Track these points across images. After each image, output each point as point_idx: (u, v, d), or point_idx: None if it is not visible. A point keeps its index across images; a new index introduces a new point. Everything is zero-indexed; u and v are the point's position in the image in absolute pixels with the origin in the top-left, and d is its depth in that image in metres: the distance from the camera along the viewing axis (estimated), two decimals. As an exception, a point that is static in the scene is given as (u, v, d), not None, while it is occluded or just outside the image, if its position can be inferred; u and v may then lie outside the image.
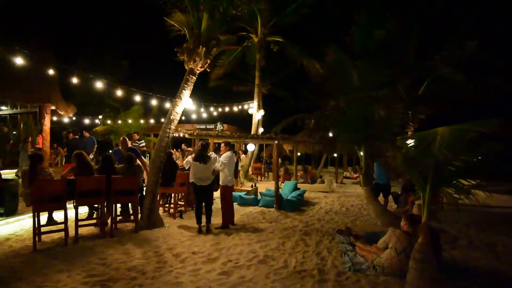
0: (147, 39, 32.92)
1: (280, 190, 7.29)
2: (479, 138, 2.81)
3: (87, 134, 8.94)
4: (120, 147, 6.08)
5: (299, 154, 14.99)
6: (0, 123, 12.68)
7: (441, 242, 3.64)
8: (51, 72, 7.86)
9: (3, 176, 6.63)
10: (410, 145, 3.19)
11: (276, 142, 7.58)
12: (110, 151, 6.96)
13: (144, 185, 5.47)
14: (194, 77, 5.48)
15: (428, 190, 3.05)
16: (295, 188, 8.06)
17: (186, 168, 5.15)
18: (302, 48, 12.51)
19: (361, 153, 5.74)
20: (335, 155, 14.96)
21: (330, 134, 8.32)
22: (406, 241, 3.47)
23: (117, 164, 5.47)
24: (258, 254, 3.96)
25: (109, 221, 4.74)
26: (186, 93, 5.40)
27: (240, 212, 6.41)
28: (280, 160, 14.59)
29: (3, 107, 11.86)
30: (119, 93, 9.02)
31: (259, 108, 12.80)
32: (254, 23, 12.17)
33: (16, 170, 9.24)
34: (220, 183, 5.30)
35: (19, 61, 6.68)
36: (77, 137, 8.26)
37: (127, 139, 6.20)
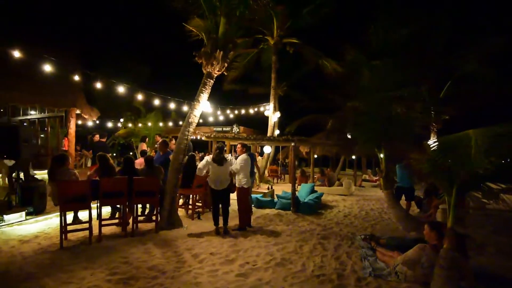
0: (166, 45, 33.84)
1: (296, 192, 7.22)
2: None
3: (97, 138, 8.98)
4: (158, 149, 6.58)
5: (315, 156, 14.80)
6: (30, 128, 13.42)
7: (467, 249, 3.47)
8: (76, 78, 8.24)
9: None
10: (434, 148, 3.06)
11: (292, 144, 7.53)
12: (131, 153, 7.24)
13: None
14: (211, 81, 5.57)
15: (454, 194, 2.92)
16: (312, 191, 7.97)
17: (203, 171, 5.05)
18: (318, 49, 12.39)
19: (381, 155, 5.59)
20: (354, 157, 14.64)
21: (348, 136, 8.15)
22: (436, 257, 3.21)
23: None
24: (276, 256, 3.94)
25: (130, 221, 4.89)
26: (204, 97, 5.50)
27: (256, 214, 6.41)
28: (296, 163, 14.50)
29: (33, 112, 12.56)
30: (139, 97, 9.30)
31: (275, 110, 12.78)
32: (270, 25, 12.20)
33: (46, 171, 9.68)
34: (237, 185, 5.33)
35: (47, 68, 7.06)
36: (104, 140, 8.55)
37: (167, 142, 6.72)
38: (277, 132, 13.37)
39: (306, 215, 6.56)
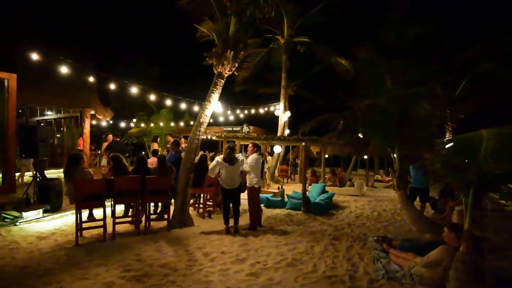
0: (177, 46, 34.26)
1: (307, 192, 7.17)
2: None
3: (110, 138, 9.07)
4: (170, 148, 6.73)
5: (326, 156, 14.66)
6: (47, 128, 13.85)
7: (484, 252, 3.35)
8: (91, 79, 8.45)
9: (48, 176, 7.22)
10: (448, 148, 2.98)
11: (303, 144, 7.48)
12: (143, 152, 7.40)
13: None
14: (222, 81, 5.60)
15: (472, 195, 2.83)
16: (323, 191, 7.89)
17: (215, 171, 4.99)
18: (330, 47, 12.25)
19: (395, 155, 5.48)
20: (365, 157, 14.41)
21: (360, 135, 8.03)
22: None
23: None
24: (286, 257, 3.93)
25: (143, 219, 4.97)
26: (215, 96, 5.53)
27: (267, 214, 6.40)
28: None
29: (49, 112, 12.96)
30: (152, 97, 9.45)
31: (285, 109, 12.74)
32: (280, 25, 12.17)
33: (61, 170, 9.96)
34: (247, 184, 5.34)
35: (63, 70, 7.28)
36: (118, 139, 8.70)
37: (179, 141, 6.87)
38: (287, 131, 13.32)
39: (317, 215, 6.50)
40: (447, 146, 3.06)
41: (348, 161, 16.71)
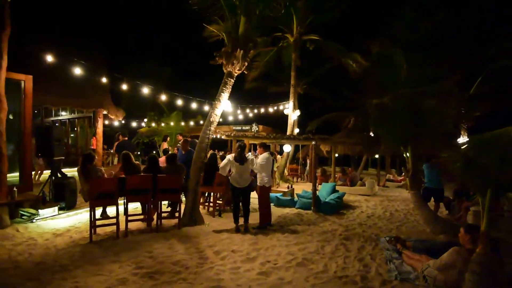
0: (187, 46, 34.56)
1: (317, 192, 7.12)
2: None
3: (120, 137, 9.14)
4: (180, 147, 6.82)
5: (336, 155, 14.51)
6: (62, 128, 14.23)
7: (502, 254, 3.25)
8: (103, 80, 8.62)
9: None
10: (469, 146, 2.89)
11: (313, 142, 7.43)
12: (154, 152, 7.51)
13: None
14: (232, 80, 5.61)
15: (489, 195, 2.74)
16: (334, 191, 7.82)
17: (226, 170, 5.06)
18: (340, 45, 12.09)
19: (408, 154, 5.36)
20: (377, 156, 14.18)
21: (371, 134, 7.88)
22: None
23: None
24: (297, 256, 3.91)
25: (154, 217, 5.04)
26: (224, 96, 5.55)
27: (276, 213, 6.38)
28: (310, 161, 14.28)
29: (63, 113, 13.31)
30: (163, 97, 9.57)
31: (294, 108, 12.67)
32: (289, 23, 12.08)
33: (76, 168, 10.21)
34: (258, 183, 5.34)
35: (77, 71, 7.45)
36: (126, 138, 8.83)
37: (188, 140, 7.01)
38: (296, 130, 13.25)
39: (327, 215, 6.45)
40: (466, 144, 2.97)
41: (359, 160, 16.51)
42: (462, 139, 7.32)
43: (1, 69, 4.77)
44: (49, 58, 6.80)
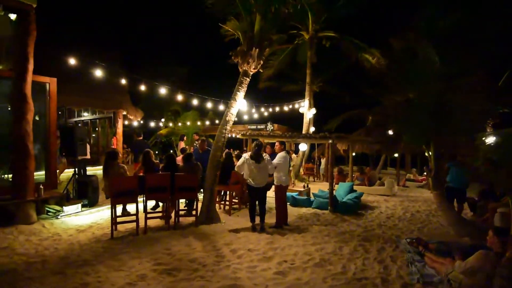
0: (202, 46, 34.98)
1: (334, 191, 6.99)
2: None
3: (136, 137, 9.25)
4: (197, 147, 7.00)
5: (354, 154, 14.20)
6: (84, 128, 14.79)
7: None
8: (123, 81, 8.87)
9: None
10: (496, 144, 2.74)
11: (330, 141, 7.30)
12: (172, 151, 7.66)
13: None
14: (247, 79, 5.61)
15: (521, 196, 2.58)
16: (351, 190, 7.65)
17: (243, 168, 5.03)
18: (358, 40, 11.80)
19: (430, 153, 5.15)
20: (396, 155, 13.75)
21: (390, 132, 7.62)
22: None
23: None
24: (314, 256, 3.85)
25: (172, 214, 5.14)
26: (240, 95, 5.56)
27: (293, 213, 6.32)
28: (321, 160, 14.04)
29: (86, 113, 13.84)
30: (179, 97, 9.73)
31: (310, 106, 12.52)
32: (305, 20, 11.93)
33: (98, 167, 10.55)
34: (275, 183, 5.30)
35: (98, 73, 7.71)
36: (141, 138, 8.94)
37: (205, 140, 7.21)
38: (312, 129, 13.09)
39: (344, 215, 6.32)
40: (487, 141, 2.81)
41: (377, 159, 16.08)
42: (490, 136, 6.93)
43: (27, 72, 5.01)
44: (72, 61, 7.07)
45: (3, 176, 6.91)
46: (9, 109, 5.43)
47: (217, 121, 16.72)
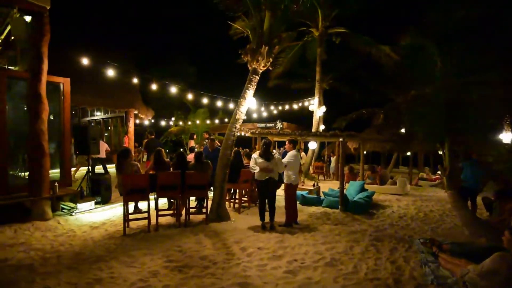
0: (211, 45, 35.14)
1: (345, 190, 6.91)
2: None
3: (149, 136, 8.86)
4: (208, 146, 7.09)
5: (365, 152, 13.97)
6: (97, 127, 15.10)
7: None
8: (134, 81, 8.99)
9: (98, 171, 7.87)
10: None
11: (340, 139, 7.21)
12: (181, 149, 7.75)
13: None
14: (257, 77, 5.59)
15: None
16: (362, 189, 7.53)
17: (255, 168, 5.00)
18: (369, 37, 11.59)
19: (444, 151, 5.00)
20: (409, 153, 13.45)
21: (403, 130, 7.43)
22: None
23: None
24: (325, 256, 3.82)
25: (183, 212, 5.19)
26: (249, 93, 5.55)
27: (303, 212, 6.28)
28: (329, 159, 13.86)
29: (98, 113, 14.12)
30: (189, 96, 9.79)
31: (320, 104, 12.39)
32: (314, 16, 11.79)
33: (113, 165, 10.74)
34: (285, 181, 5.28)
35: (110, 73, 7.83)
36: (153, 137, 9.05)
37: (214, 139, 7.37)
38: (322, 127, 12.96)
39: (355, 214, 6.23)
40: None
41: (389, 157, 15.79)
42: (506, 134, 6.69)
43: (42, 73, 5.14)
44: (85, 61, 7.21)
45: (19, 174, 7.14)
46: (25, 109, 5.58)
47: (226, 120, 16.77)
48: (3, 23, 5.83)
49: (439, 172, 11.92)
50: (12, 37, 5.90)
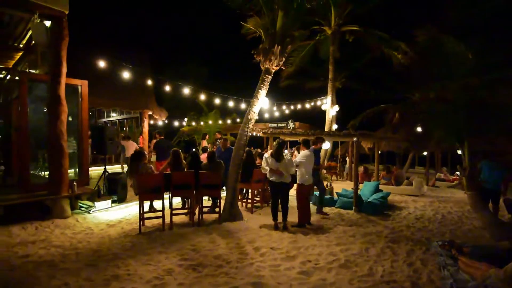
0: (223, 46, 35.36)
1: (359, 191, 6.78)
2: None
3: (157, 137, 8.96)
4: (220, 146, 7.21)
5: (379, 152, 13.68)
6: (113, 128, 15.49)
7: None
8: (149, 82, 9.15)
9: (111, 171, 8.00)
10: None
11: (354, 139, 7.08)
12: (194, 149, 7.85)
13: None
14: (270, 77, 5.57)
15: None
16: (377, 190, 7.38)
17: (266, 168, 5.00)
18: (383, 33, 11.31)
19: (464, 151, 4.83)
20: (425, 153, 13.07)
21: (419, 129, 7.21)
22: None
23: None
24: (339, 257, 3.76)
25: (196, 211, 5.24)
26: (262, 93, 5.54)
27: (316, 212, 6.21)
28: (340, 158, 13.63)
29: (114, 114, 14.51)
30: (202, 97, 9.89)
31: (333, 103, 12.22)
32: (327, 15, 11.63)
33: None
34: (298, 181, 5.24)
35: (125, 75, 8.01)
36: (162, 137, 9.10)
37: (227, 139, 7.47)
38: (335, 126, 12.78)
39: (370, 215, 6.11)
40: None
41: (405, 157, 15.42)
42: None
43: (61, 76, 5.31)
44: (101, 64, 7.40)
45: (39, 173, 7.41)
46: (45, 110, 5.78)
47: (238, 120, 16.81)
48: (25, 29, 6.06)
49: (457, 172, 11.53)
50: (33, 42, 6.15)
